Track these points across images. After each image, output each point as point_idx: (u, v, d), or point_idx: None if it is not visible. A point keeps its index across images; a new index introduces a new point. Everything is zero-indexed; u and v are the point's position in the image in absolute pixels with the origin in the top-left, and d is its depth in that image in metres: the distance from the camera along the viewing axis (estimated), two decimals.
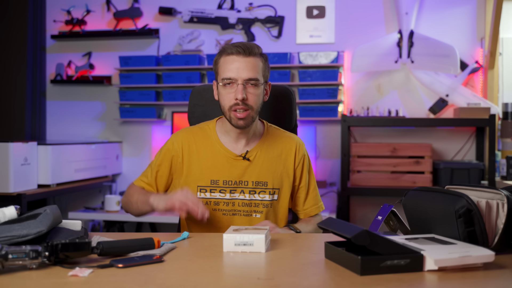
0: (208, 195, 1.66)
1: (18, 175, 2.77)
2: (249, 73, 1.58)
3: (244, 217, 1.67)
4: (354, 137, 3.58)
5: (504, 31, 3.47)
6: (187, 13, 3.74)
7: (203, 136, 1.72)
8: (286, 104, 1.92)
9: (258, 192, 1.67)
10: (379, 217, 1.36)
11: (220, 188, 1.66)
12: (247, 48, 1.60)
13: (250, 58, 1.60)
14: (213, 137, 1.71)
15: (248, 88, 1.59)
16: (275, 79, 3.55)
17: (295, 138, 1.77)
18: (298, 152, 1.73)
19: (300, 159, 1.73)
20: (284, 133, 1.78)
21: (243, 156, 1.67)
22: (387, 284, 0.94)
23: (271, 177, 1.68)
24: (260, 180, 1.67)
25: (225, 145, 1.69)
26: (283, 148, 1.72)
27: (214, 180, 1.66)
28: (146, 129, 3.86)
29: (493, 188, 1.18)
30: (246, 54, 1.59)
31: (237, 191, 1.66)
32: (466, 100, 3.36)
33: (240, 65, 1.59)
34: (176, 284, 0.96)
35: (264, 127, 1.75)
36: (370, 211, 3.58)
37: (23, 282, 0.96)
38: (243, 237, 1.19)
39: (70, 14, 3.86)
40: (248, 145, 1.70)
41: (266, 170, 1.68)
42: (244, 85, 1.58)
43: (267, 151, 1.70)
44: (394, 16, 3.54)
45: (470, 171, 3.20)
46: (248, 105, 1.59)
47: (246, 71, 1.58)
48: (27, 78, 3.87)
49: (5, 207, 1.19)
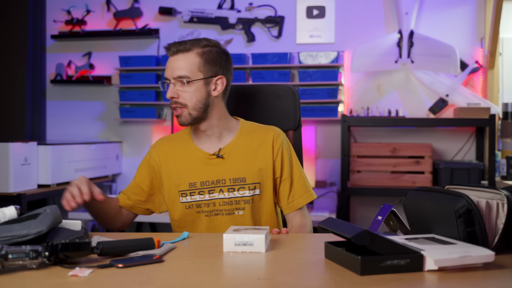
0: (189, 198, 1.64)
1: (18, 175, 2.77)
2: (177, 71, 1.59)
3: (227, 216, 1.64)
4: (354, 137, 3.58)
5: (504, 31, 3.47)
6: (187, 13, 3.74)
7: (178, 141, 1.72)
8: (290, 104, 1.91)
9: (238, 189, 1.63)
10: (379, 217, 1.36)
11: (198, 190, 1.63)
12: (174, 46, 1.60)
13: (179, 56, 1.59)
14: (188, 141, 1.70)
15: (180, 87, 1.60)
16: (275, 79, 3.55)
17: (272, 128, 1.71)
18: (275, 142, 1.67)
19: (278, 149, 1.67)
20: (261, 126, 1.73)
21: (216, 155, 1.65)
22: (387, 284, 0.94)
23: (249, 172, 1.64)
24: (237, 177, 1.63)
25: (199, 146, 1.68)
26: (260, 141, 1.67)
27: (192, 182, 1.64)
28: (146, 129, 3.86)
29: (493, 188, 1.18)
30: (174, 52, 1.60)
31: (216, 191, 1.63)
32: (466, 100, 3.36)
33: (170, 64, 1.60)
34: (176, 284, 0.96)
35: (239, 124, 1.72)
36: (370, 211, 3.58)
37: (23, 282, 0.96)
38: (243, 237, 1.19)
39: (70, 14, 3.86)
40: (222, 142, 1.67)
41: (242, 165, 1.64)
42: (175, 84, 1.60)
43: (242, 146, 1.67)
44: (394, 16, 3.54)
45: (470, 171, 3.20)
46: (180, 103, 1.61)
47: (175, 69, 1.59)
48: (27, 78, 3.87)
49: (5, 207, 1.19)
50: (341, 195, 3.31)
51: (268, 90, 1.95)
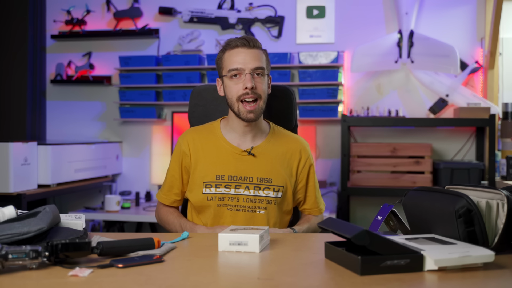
0: (214, 190, 1.66)
1: (18, 175, 2.77)
2: (256, 63, 1.63)
3: (248, 213, 1.66)
4: (354, 137, 3.58)
5: (504, 31, 3.47)
6: (187, 13, 3.74)
7: (207, 133, 1.74)
8: (287, 104, 1.92)
9: (263, 189, 1.66)
10: (379, 217, 1.36)
11: (225, 183, 1.65)
12: (251, 40, 1.65)
13: (255, 50, 1.65)
14: (218, 134, 1.72)
15: (255, 78, 1.62)
16: (275, 79, 3.55)
17: (300, 139, 1.79)
18: (303, 154, 1.75)
19: (305, 162, 1.75)
20: (290, 134, 1.80)
21: (248, 152, 1.68)
22: (387, 284, 0.94)
23: (275, 174, 1.68)
24: (265, 177, 1.67)
25: (230, 142, 1.70)
26: (288, 148, 1.73)
27: (220, 175, 1.66)
28: (146, 129, 3.86)
29: (493, 188, 1.18)
30: (251, 45, 1.64)
31: (242, 187, 1.65)
32: (466, 100, 3.35)
33: (246, 56, 1.63)
34: (176, 284, 0.96)
35: (269, 126, 1.78)
36: (370, 211, 3.58)
37: (23, 282, 0.96)
38: (237, 236, 1.19)
39: (70, 14, 3.86)
40: (254, 141, 1.71)
41: (271, 167, 1.68)
42: (252, 74, 1.62)
43: (273, 148, 1.71)
44: (394, 16, 3.54)
45: (470, 171, 3.20)
46: (257, 93, 1.62)
47: (252, 61, 1.62)
48: (27, 78, 3.87)
49: (4, 207, 1.19)
50: (341, 195, 3.31)
51: None
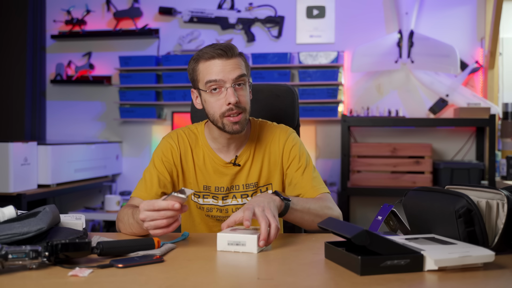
0: (201, 201, 1.61)
1: (18, 175, 2.77)
2: (236, 71, 1.48)
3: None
4: (354, 137, 3.58)
5: (504, 31, 3.47)
6: (187, 13, 3.74)
7: (195, 139, 1.64)
8: (288, 103, 1.91)
9: (251, 194, 1.60)
10: (379, 217, 1.36)
11: (212, 195, 1.60)
12: (228, 49, 1.48)
13: (233, 59, 1.49)
14: (203, 143, 1.63)
15: (238, 90, 1.49)
16: (275, 79, 3.55)
17: (280, 126, 1.66)
18: (281, 137, 1.62)
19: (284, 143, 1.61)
20: (271, 125, 1.67)
21: (233, 163, 1.59)
22: (387, 284, 0.94)
23: (261, 175, 1.60)
24: (251, 182, 1.60)
25: (215, 151, 1.61)
26: (268, 140, 1.63)
27: (207, 186, 1.60)
28: (146, 129, 3.86)
29: (493, 188, 1.18)
30: (229, 55, 1.48)
31: (229, 197, 1.60)
32: (466, 100, 3.35)
33: (225, 67, 1.47)
34: (176, 284, 0.96)
35: (250, 126, 1.65)
36: (370, 211, 3.58)
37: (23, 282, 0.96)
38: (235, 236, 1.19)
39: (70, 14, 3.86)
40: (237, 149, 1.61)
41: (255, 170, 1.60)
42: (233, 87, 1.48)
43: (257, 148, 1.62)
44: (394, 16, 3.54)
45: (470, 171, 3.20)
46: (241, 107, 1.49)
47: (233, 71, 1.48)
48: (27, 78, 3.87)
49: (4, 207, 1.19)
50: (341, 195, 3.31)
51: (267, 90, 1.94)
